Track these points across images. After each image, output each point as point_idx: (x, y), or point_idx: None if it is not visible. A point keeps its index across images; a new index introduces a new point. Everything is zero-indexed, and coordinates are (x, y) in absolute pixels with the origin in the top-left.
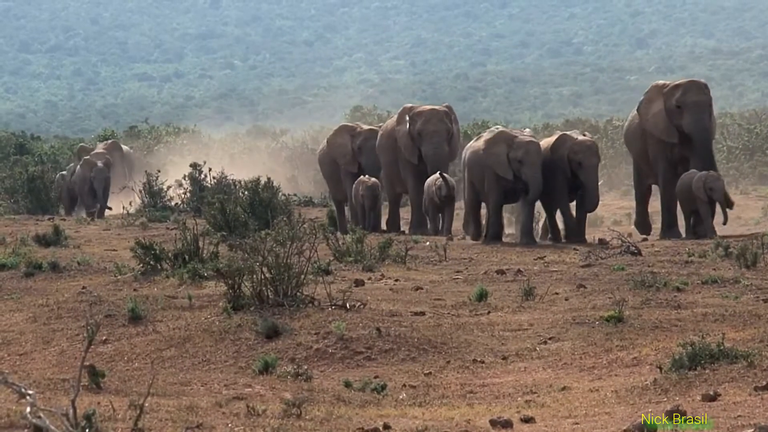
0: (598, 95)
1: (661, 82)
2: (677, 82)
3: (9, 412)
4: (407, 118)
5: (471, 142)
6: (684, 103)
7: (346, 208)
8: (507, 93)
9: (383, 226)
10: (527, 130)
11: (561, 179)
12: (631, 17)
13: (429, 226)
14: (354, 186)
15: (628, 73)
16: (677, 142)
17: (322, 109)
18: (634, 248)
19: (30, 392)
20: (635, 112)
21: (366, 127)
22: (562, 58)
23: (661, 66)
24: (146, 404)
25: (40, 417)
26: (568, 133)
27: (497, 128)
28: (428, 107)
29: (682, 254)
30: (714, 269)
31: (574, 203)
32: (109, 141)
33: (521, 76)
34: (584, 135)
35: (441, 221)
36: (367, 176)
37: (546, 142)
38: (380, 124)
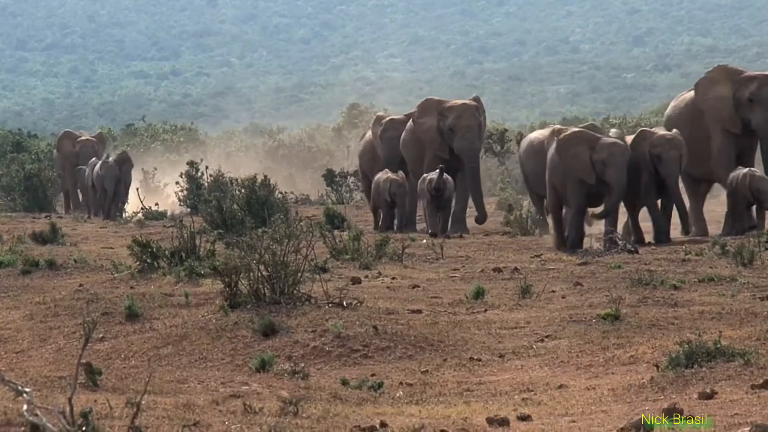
0: (595, 93)
1: (730, 66)
2: (753, 74)
3: (6, 410)
4: (435, 113)
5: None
6: (759, 98)
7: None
8: (504, 91)
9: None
10: (613, 130)
11: (644, 177)
12: (628, 15)
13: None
14: (376, 182)
15: (625, 71)
16: (739, 133)
17: (319, 107)
18: (630, 246)
19: (27, 390)
20: (685, 95)
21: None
22: (559, 55)
23: (658, 64)
24: (143, 402)
25: (37, 415)
26: (647, 129)
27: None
28: (459, 102)
29: (679, 252)
30: (711, 267)
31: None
32: (97, 132)
33: (518, 74)
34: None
35: (439, 219)
36: (389, 172)
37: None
38: (407, 113)
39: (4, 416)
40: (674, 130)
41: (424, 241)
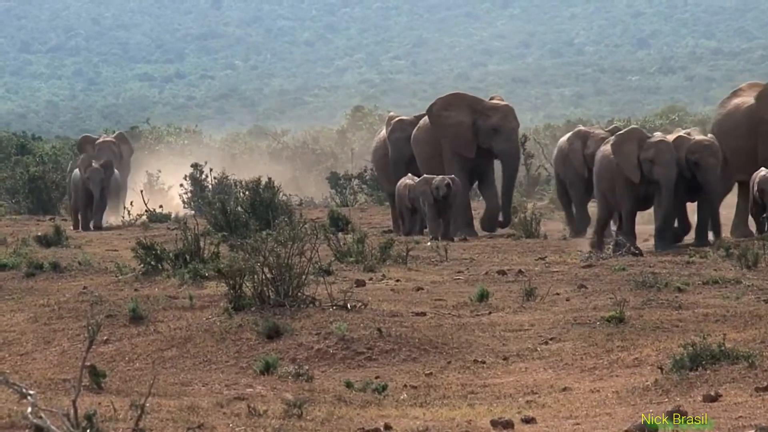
0: (600, 96)
1: None
2: None
3: (10, 413)
4: (467, 109)
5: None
6: None
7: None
8: (508, 93)
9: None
10: (657, 133)
11: (679, 181)
12: (633, 18)
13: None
14: (401, 185)
15: (630, 74)
16: None
17: (323, 110)
18: (635, 249)
19: (31, 392)
20: (735, 101)
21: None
22: (564, 58)
23: (662, 66)
24: (147, 404)
25: (41, 417)
26: (684, 133)
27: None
28: (502, 102)
29: (683, 255)
30: (715, 270)
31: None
32: (116, 132)
33: (522, 77)
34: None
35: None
36: (410, 177)
37: None
38: (416, 115)
39: (9, 419)
40: (710, 135)
41: (428, 243)
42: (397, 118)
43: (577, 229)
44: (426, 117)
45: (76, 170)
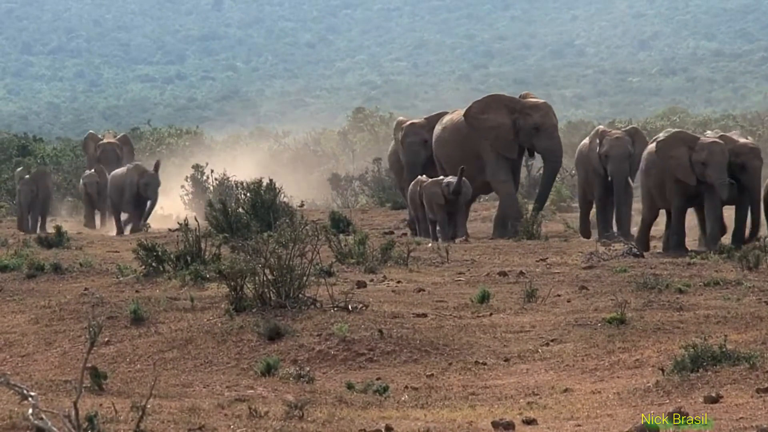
0: (601, 97)
1: None
2: None
3: (11, 414)
4: (506, 110)
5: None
6: None
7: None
8: (509, 95)
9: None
10: (709, 132)
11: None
12: (634, 19)
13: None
14: (415, 187)
15: (631, 75)
16: None
17: (324, 111)
18: (636, 250)
19: (32, 394)
20: None
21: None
22: (565, 59)
23: (663, 68)
24: (148, 406)
25: (42, 419)
26: (728, 135)
27: (670, 130)
28: (540, 100)
29: (684, 256)
30: (716, 271)
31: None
32: (121, 134)
33: (523, 78)
34: (746, 137)
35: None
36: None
37: None
38: (426, 117)
39: (10, 420)
40: (750, 138)
41: (429, 244)
42: (408, 122)
43: (600, 230)
44: (447, 118)
45: (87, 172)
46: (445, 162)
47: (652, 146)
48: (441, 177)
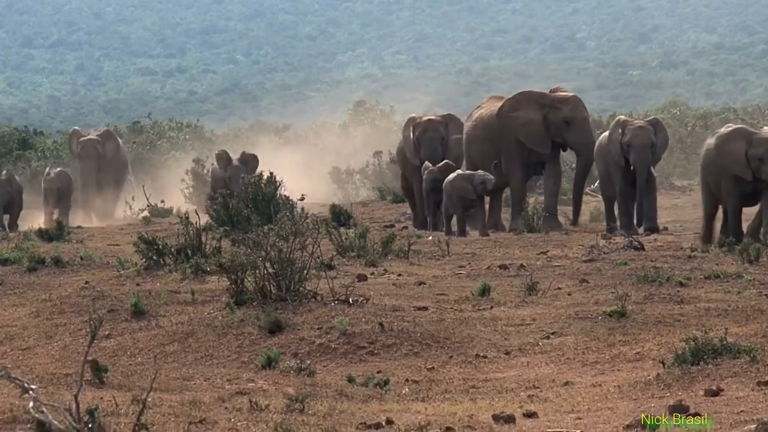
0: (601, 90)
1: None
2: None
3: (12, 407)
4: (537, 106)
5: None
6: None
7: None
8: (510, 88)
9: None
10: (766, 128)
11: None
12: (634, 12)
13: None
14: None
15: (631, 68)
16: None
17: (325, 104)
18: (637, 243)
19: (33, 387)
20: None
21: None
22: (566, 53)
23: (663, 61)
24: (149, 399)
25: (42, 412)
26: (745, 126)
27: (731, 125)
28: (569, 93)
29: (685, 249)
30: (717, 264)
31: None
32: (102, 129)
33: (524, 71)
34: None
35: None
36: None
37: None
38: (442, 114)
39: (11, 413)
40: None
41: (430, 237)
42: (426, 118)
43: (624, 223)
44: (477, 114)
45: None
46: (477, 158)
47: (711, 141)
48: (469, 172)
